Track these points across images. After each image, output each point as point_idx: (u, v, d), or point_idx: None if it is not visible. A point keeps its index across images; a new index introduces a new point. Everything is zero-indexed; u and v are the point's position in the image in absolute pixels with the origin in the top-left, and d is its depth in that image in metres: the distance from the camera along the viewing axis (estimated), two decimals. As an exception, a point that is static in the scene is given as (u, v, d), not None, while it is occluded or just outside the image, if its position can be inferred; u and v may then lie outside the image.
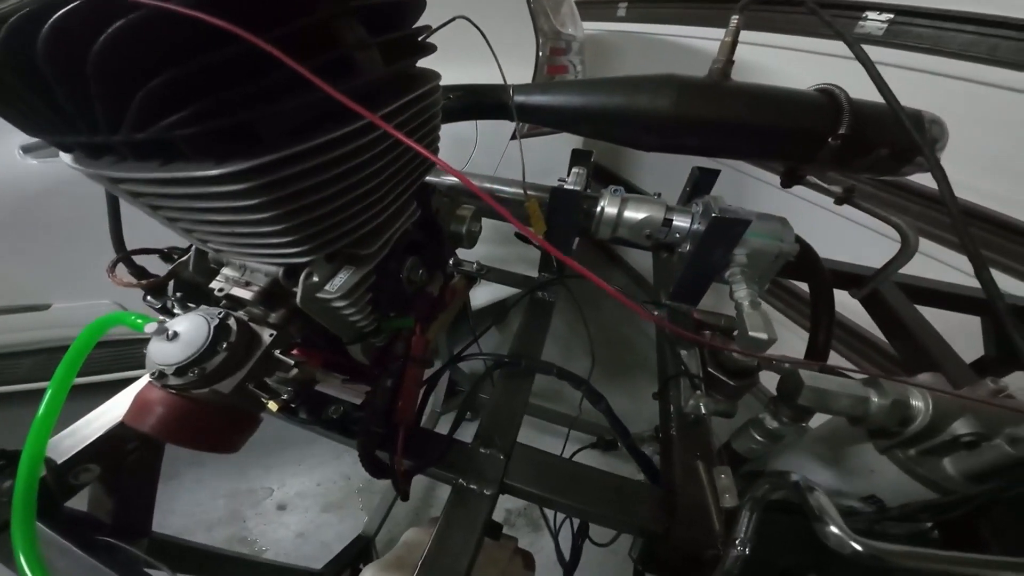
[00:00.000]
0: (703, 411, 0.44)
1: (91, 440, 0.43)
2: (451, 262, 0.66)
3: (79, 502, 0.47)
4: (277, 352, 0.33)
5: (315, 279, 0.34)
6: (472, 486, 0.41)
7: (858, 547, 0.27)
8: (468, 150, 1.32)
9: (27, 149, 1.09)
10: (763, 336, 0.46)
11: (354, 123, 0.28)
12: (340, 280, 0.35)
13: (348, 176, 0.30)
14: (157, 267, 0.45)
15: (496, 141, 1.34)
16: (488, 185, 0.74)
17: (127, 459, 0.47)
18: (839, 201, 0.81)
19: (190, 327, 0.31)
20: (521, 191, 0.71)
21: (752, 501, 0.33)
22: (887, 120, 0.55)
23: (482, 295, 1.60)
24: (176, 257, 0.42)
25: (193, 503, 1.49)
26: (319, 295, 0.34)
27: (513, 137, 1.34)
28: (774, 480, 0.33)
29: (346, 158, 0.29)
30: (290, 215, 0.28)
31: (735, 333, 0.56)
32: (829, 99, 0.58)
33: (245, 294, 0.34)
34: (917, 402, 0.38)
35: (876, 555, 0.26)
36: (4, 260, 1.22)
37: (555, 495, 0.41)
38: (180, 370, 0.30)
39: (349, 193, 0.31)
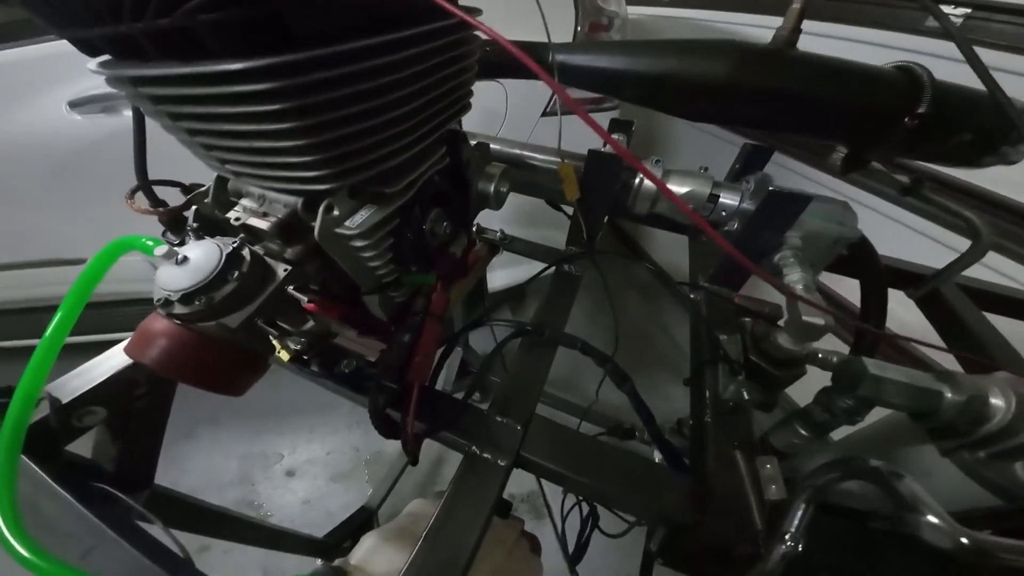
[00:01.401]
0: (746, 397, 0.40)
1: (99, 381, 0.41)
2: (474, 229, 0.63)
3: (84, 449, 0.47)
4: (290, 289, 0.31)
5: (335, 213, 0.31)
6: (486, 455, 0.38)
7: (965, 540, 0.23)
8: (497, 123, 1.28)
9: (73, 104, 1.12)
10: (819, 321, 0.41)
11: (395, 33, 0.25)
12: (361, 217, 0.32)
13: (380, 94, 0.27)
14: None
15: (526, 115, 1.30)
16: (518, 151, 0.70)
17: (135, 404, 0.45)
18: (905, 192, 0.74)
19: (201, 253, 0.29)
20: (554, 159, 0.67)
21: (812, 491, 0.29)
22: (974, 102, 0.49)
23: (499, 278, 1.57)
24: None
25: (207, 463, 1.53)
26: (338, 231, 0.31)
27: (545, 112, 1.30)
28: (844, 466, 0.29)
29: (380, 72, 0.26)
30: (313, 130, 0.26)
31: (781, 321, 0.51)
32: (907, 76, 0.53)
33: (262, 224, 0.31)
34: (997, 400, 0.34)
35: (985, 550, 0.22)
36: (45, 213, 1.26)
37: (574, 473, 0.38)
38: (186, 297, 0.28)
39: (378, 115, 0.28)
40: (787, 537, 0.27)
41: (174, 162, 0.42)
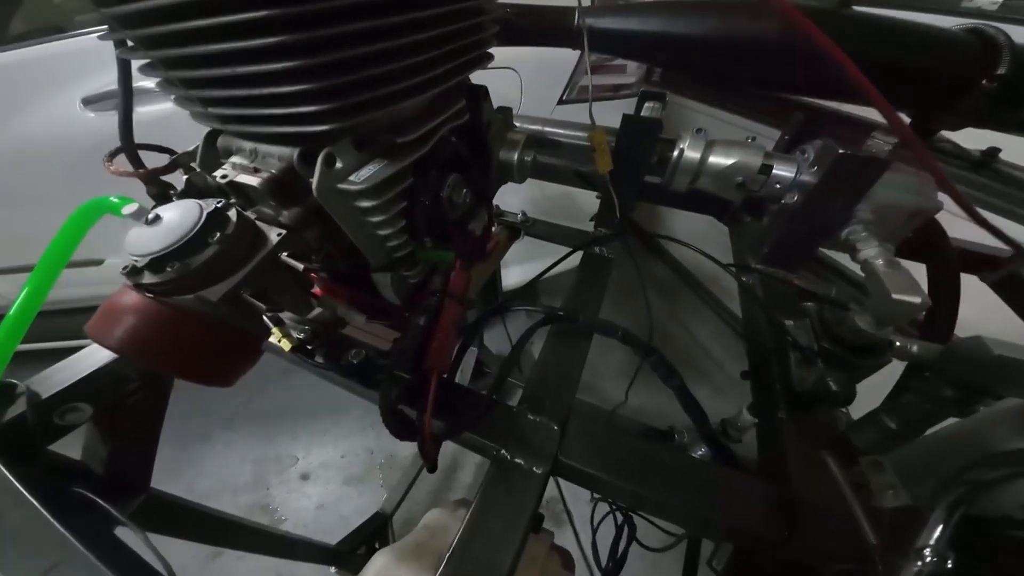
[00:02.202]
0: (833, 388, 0.33)
1: (84, 375, 0.37)
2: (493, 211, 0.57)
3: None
4: (284, 256, 0.26)
5: (339, 166, 0.26)
6: (518, 460, 0.32)
7: None
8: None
9: (87, 101, 1.11)
10: (915, 299, 0.34)
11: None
12: (369, 171, 0.27)
13: (384, 11, 0.22)
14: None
15: (541, 103, 1.24)
16: (539, 127, 0.65)
17: (126, 401, 0.41)
18: (977, 166, 0.67)
19: (178, 212, 0.24)
20: (581, 133, 0.61)
21: (964, 493, 0.22)
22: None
23: (514, 274, 1.51)
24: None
25: (222, 466, 1.51)
26: (341, 186, 0.26)
27: (561, 99, 1.24)
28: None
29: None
30: (306, 49, 0.20)
31: (852, 304, 0.44)
32: (979, 38, 0.47)
33: (252, 180, 0.26)
34: None
35: None
36: (62, 212, 1.25)
37: (625, 481, 0.32)
38: (156, 263, 0.23)
39: (383, 39, 0.23)
40: (926, 552, 0.21)
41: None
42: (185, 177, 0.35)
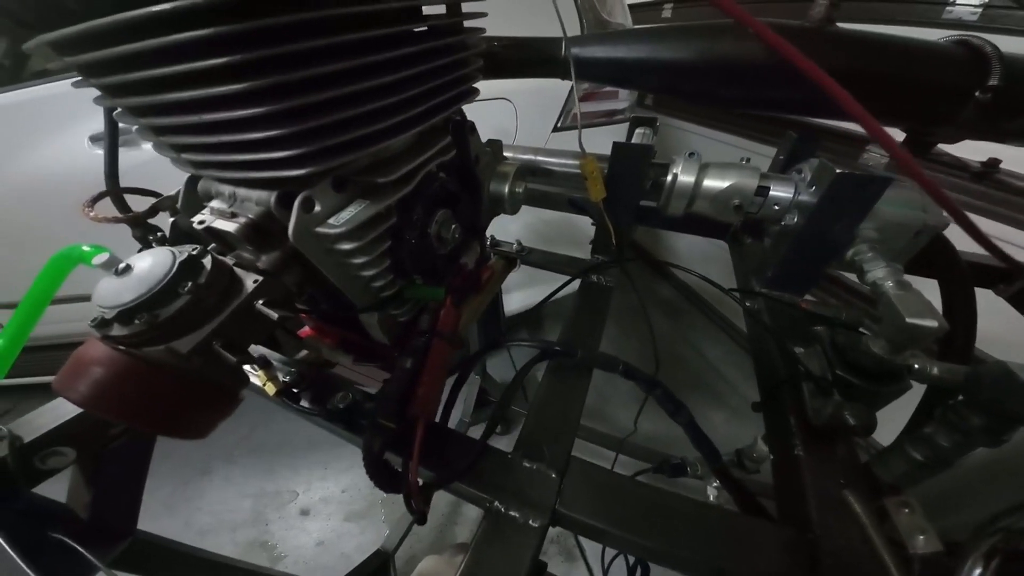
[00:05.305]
0: (851, 421, 0.30)
1: (67, 419, 0.36)
2: (488, 242, 0.57)
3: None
4: (259, 304, 0.25)
5: (317, 209, 0.25)
6: (513, 513, 0.30)
7: None
8: (507, 142, 1.25)
9: (95, 139, 1.14)
10: (931, 323, 0.32)
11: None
12: (349, 213, 0.26)
13: (354, 52, 0.21)
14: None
15: (537, 132, 1.26)
16: (531, 156, 0.65)
17: (110, 445, 0.40)
18: (978, 177, 0.66)
19: (149, 262, 0.23)
20: (572, 161, 0.61)
21: (1001, 537, 0.19)
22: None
23: (515, 300, 1.49)
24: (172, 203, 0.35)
25: (220, 502, 1.47)
26: (319, 230, 0.25)
27: (556, 127, 1.26)
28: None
29: (350, 23, 0.21)
30: (275, 93, 0.20)
31: (864, 328, 0.42)
32: (967, 49, 0.47)
33: (228, 226, 0.25)
34: None
35: None
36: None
37: (631, 532, 0.29)
38: (124, 315, 0.21)
39: (359, 80, 0.22)
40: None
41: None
42: (171, 220, 0.35)
